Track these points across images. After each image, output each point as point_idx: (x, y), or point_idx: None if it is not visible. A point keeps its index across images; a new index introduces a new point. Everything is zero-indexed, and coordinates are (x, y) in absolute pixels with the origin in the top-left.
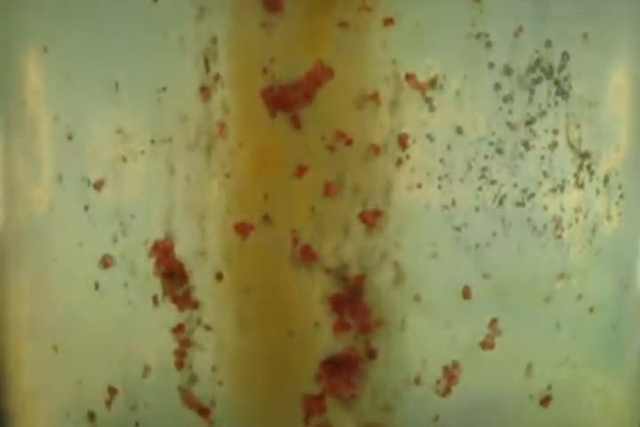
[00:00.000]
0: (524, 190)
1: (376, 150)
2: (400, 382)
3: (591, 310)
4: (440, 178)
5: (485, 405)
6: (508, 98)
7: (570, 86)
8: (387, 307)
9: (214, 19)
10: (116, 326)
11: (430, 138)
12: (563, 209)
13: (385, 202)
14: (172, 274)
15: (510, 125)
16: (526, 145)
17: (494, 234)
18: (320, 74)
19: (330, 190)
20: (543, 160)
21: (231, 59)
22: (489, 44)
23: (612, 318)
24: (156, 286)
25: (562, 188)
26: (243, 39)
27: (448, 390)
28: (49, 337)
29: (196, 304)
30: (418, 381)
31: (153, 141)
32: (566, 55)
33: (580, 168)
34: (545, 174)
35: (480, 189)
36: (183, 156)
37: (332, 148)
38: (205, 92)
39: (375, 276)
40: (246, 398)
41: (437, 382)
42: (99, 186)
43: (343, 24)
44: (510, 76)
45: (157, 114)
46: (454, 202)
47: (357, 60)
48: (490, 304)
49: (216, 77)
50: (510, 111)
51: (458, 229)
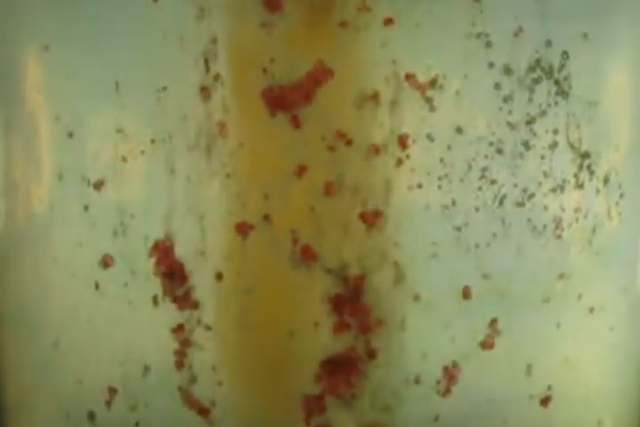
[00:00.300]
0: (524, 190)
1: (376, 150)
2: (400, 382)
3: (591, 310)
4: (440, 178)
5: (485, 405)
6: (508, 98)
7: (570, 86)
8: (387, 307)
9: (214, 19)
10: (116, 325)
11: (430, 138)
12: (563, 209)
13: (385, 202)
14: (172, 274)
15: (510, 125)
16: (526, 145)
17: (494, 234)
18: (320, 74)
19: (330, 190)
20: (543, 160)
21: (231, 59)
22: (489, 44)
23: (611, 319)
24: (156, 286)
25: (562, 188)
26: (243, 39)
27: (448, 390)
28: (49, 336)
29: (196, 304)
30: (418, 381)
31: (153, 141)
32: (566, 55)
33: (580, 168)
34: (545, 174)
35: (480, 189)
36: (183, 156)
37: (332, 148)
38: (205, 92)
39: (375, 276)
40: (246, 398)
41: (437, 382)
42: (99, 186)
43: (343, 24)
44: (510, 75)
45: (157, 114)
46: (454, 202)
47: (357, 60)
48: (490, 304)
49: (216, 77)
50: (510, 111)
51: (458, 229)
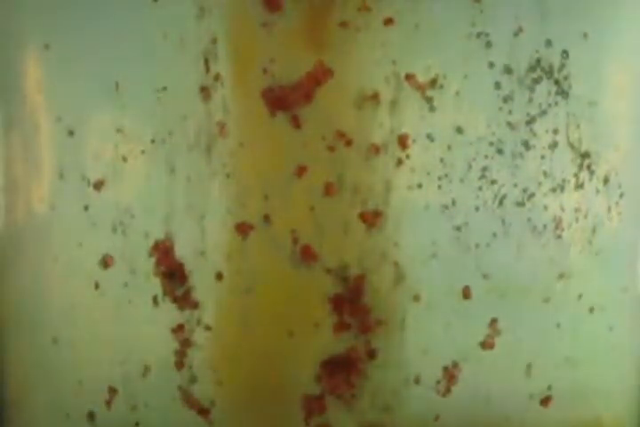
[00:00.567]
0: (524, 190)
1: (376, 150)
2: (400, 382)
3: (591, 310)
4: (440, 178)
5: (485, 405)
6: (508, 98)
7: (570, 86)
8: (387, 307)
9: (214, 19)
10: (116, 325)
11: (430, 138)
12: (563, 209)
13: (385, 202)
14: (172, 274)
15: (510, 125)
16: (526, 145)
17: (494, 234)
18: (320, 74)
19: (330, 190)
20: (543, 160)
21: (231, 59)
22: (489, 43)
23: (611, 319)
24: (156, 285)
25: (562, 188)
26: (243, 39)
27: (448, 390)
28: (49, 336)
29: (196, 304)
30: (418, 381)
31: (153, 141)
32: (566, 55)
33: (580, 168)
34: (545, 174)
35: (480, 189)
36: (183, 156)
37: (331, 148)
38: (205, 92)
39: (375, 276)
40: (246, 398)
41: (437, 382)
42: (99, 186)
43: (343, 24)
44: (510, 75)
45: (157, 114)
46: (454, 202)
47: (357, 60)
48: (490, 304)
49: (216, 77)
50: (510, 111)
51: (458, 229)
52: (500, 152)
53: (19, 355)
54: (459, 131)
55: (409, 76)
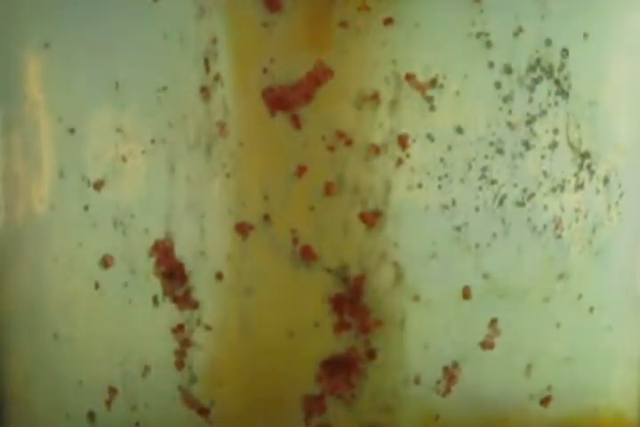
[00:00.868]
0: (524, 190)
1: (376, 150)
2: (400, 382)
3: (591, 310)
4: (440, 178)
5: (485, 405)
6: (508, 98)
7: (570, 86)
8: (386, 307)
9: (214, 19)
10: (116, 325)
11: (430, 138)
12: (563, 209)
13: (385, 202)
14: (172, 274)
15: (510, 125)
16: (526, 145)
17: (494, 234)
18: (320, 74)
19: (330, 190)
20: (543, 160)
21: (231, 59)
22: (489, 43)
23: (611, 318)
24: (156, 286)
25: (562, 188)
26: (243, 39)
27: (448, 390)
28: (49, 336)
29: (196, 304)
30: (418, 381)
31: (153, 141)
32: (566, 54)
33: (580, 168)
34: (545, 174)
35: (480, 189)
36: (183, 155)
37: (331, 148)
38: (205, 92)
39: (375, 276)
40: (246, 399)
41: (437, 382)
42: (99, 186)
43: (343, 24)
44: (510, 75)
45: (157, 114)
46: (454, 202)
47: (357, 60)
48: (490, 304)
49: (216, 77)
50: (510, 111)
51: (458, 229)
52: (500, 152)
53: (19, 355)
54: (459, 131)
55: (409, 76)
